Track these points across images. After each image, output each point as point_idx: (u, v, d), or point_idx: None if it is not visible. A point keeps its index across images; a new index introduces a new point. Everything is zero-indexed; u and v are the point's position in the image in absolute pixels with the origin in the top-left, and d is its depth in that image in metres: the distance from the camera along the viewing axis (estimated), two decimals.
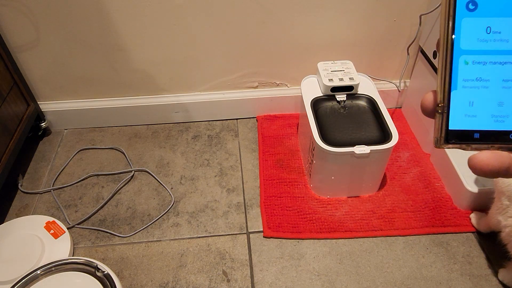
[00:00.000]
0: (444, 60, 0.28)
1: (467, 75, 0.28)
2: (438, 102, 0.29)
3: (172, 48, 1.20)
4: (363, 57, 1.27)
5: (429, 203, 1.09)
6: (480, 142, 0.28)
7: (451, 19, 0.28)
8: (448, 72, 0.28)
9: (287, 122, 1.36)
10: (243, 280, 0.95)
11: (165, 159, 1.26)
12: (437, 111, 0.29)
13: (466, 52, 0.28)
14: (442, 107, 0.29)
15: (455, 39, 0.28)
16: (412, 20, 1.18)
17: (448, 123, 0.29)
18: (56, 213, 1.11)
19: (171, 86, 1.30)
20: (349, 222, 1.06)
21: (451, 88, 0.28)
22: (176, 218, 1.09)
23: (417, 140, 1.28)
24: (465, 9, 0.28)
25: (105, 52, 1.19)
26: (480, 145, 0.28)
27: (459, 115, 0.28)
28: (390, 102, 1.39)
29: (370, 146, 0.98)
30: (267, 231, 1.04)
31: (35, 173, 1.22)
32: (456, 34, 0.28)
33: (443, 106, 0.29)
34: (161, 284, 0.95)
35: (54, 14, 1.09)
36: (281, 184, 1.15)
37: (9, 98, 1.13)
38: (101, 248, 1.03)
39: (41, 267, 0.86)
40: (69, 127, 1.38)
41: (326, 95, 1.12)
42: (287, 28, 1.17)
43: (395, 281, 0.94)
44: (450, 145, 0.29)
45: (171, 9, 1.11)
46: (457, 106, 0.28)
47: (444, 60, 0.28)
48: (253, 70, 1.28)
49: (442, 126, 0.29)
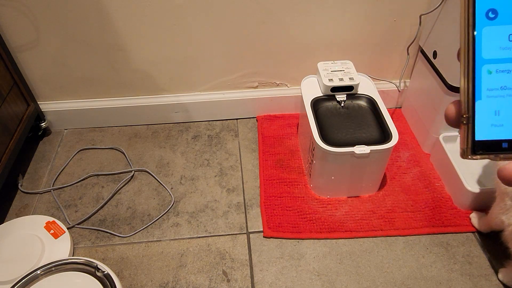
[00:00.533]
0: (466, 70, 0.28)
1: (491, 85, 0.27)
2: (463, 113, 0.28)
3: (172, 48, 1.20)
4: (363, 57, 1.27)
5: (429, 203, 1.09)
6: (509, 152, 0.28)
7: (471, 29, 0.27)
8: (471, 82, 0.28)
9: (287, 122, 1.36)
10: (243, 280, 0.95)
11: (165, 159, 1.26)
12: (462, 122, 0.28)
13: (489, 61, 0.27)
14: (467, 118, 0.28)
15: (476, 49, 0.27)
16: (412, 20, 1.18)
17: (474, 134, 0.28)
18: (56, 213, 1.11)
19: (171, 86, 1.30)
20: (349, 222, 1.06)
21: (475, 99, 0.28)
22: (176, 218, 1.09)
23: (417, 140, 1.28)
24: (485, 18, 0.27)
25: (105, 52, 1.19)
26: (509, 155, 0.28)
27: (485, 125, 0.28)
28: (390, 102, 1.39)
29: (370, 146, 0.98)
30: (267, 231, 1.04)
31: (35, 173, 1.22)
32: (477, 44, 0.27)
33: (467, 117, 0.28)
34: (161, 284, 0.95)
35: (54, 14, 1.09)
36: (281, 184, 1.15)
37: (9, 98, 1.13)
38: (101, 248, 1.03)
39: (41, 267, 0.86)
40: (69, 127, 1.38)
41: (326, 95, 1.12)
42: (287, 28, 1.17)
43: (395, 281, 0.94)
44: (478, 156, 0.28)
45: (171, 9, 1.11)
46: (482, 116, 0.28)
47: (466, 71, 0.28)
48: (253, 70, 1.28)
49: (468, 137, 0.28)
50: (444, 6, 1.04)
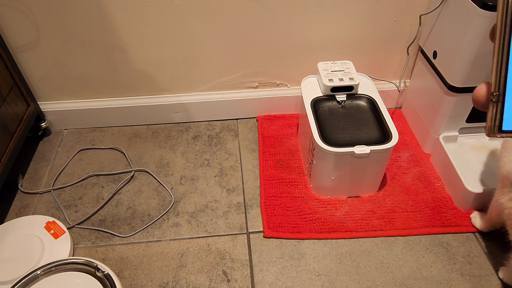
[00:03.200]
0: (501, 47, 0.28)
1: None
2: (493, 91, 0.28)
3: (172, 48, 1.20)
4: (363, 57, 1.27)
5: (429, 203, 1.09)
6: None
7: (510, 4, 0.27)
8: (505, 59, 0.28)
9: (287, 122, 1.36)
10: (243, 280, 0.95)
11: (165, 159, 1.26)
12: (491, 100, 0.29)
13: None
14: (497, 95, 0.28)
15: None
16: (412, 20, 1.18)
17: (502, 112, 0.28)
18: (56, 213, 1.11)
19: (171, 86, 1.30)
20: (349, 222, 1.06)
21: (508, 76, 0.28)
22: (176, 218, 1.09)
23: (417, 140, 1.28)
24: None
25: (105, 52, 1.19)
26: None
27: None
28: (390, 102, 1.39)
29: (370, 146, 0.98)
30: (267, 231, 1.04)
31: (35, 173, 1.22)
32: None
33: (498, 94, 0.28)
34: (161, 284, 0.95)
35: (54, 14, 1.09)
36: (281, 184, 1.15)
37: (9, 98, 1.13)
38: (101, 248, 1.03)
39: (41, 267, 0.86)
40: (69, 127, 1.38)
41: (326, 95, 1.12)
42: (287, 28, 1.17)
43: (395, 281, 0.94)
44: (504, 134, 0.29)
45: (171, 9, 1.11)
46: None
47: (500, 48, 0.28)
48: (253, 70, 1.28)
49: (497, 115, 0.29)
50: (444, 6, 1.04)
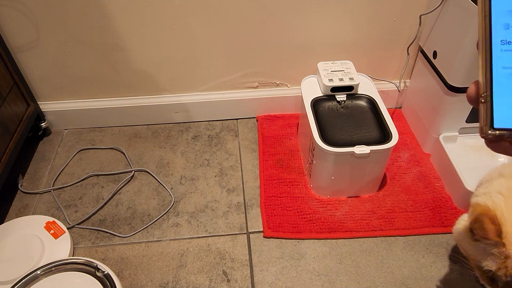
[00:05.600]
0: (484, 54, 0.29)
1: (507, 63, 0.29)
2: (481, 92, 0.29)
3: (172, 48, 1.20)
4: (363, 57, 1.27)
5: (429, 203, 1.09)
6: None
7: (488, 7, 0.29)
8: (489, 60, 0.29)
9: (287, 122, 1.36)
10: (243, 280, 0.95)
11: (165, 159, 1.26)
12: (480, 101, 0.29)
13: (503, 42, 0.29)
14: (485, 96, 0.29)
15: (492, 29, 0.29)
16: (412, 20, 1.18)
17: (492, 112, 0.29)
18: (56, 213, 1.11)
19: (171, 86, 1.30)
20: (349, 222, 1.06)
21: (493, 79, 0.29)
22: (176, 218, 1.09)
23: (417, 140, 1.28)
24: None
25: (105, 52, 1.19)
26: None
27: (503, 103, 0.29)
28: (390, 102, 1.39)
29: (370, 146, 0.98)
30: (267, 231, 1.04)
31: (35, 173, 1.22)
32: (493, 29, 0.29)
33: (486, 95, 0.29)
34: (161, 284, 0.95)
35: (54, 14, 1.09)
36: (281, 184, 1.15)
37: (9, 98, 1.13)
38: (101, 248, 1.03)
39: (41, 267, 0.86)
40: (69, 127, 1.38)
41: (326, 95, 1.12)
42: (287, 28, 1.17)
43: (395, 281, 0.94)
44: (496, 132, 0.29)
45: (171, 9, 1.11)
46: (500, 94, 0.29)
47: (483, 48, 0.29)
48: (253, 70, 1.28)
49: (487, 115, 0.29)
50: (444, 6, 1.04)
